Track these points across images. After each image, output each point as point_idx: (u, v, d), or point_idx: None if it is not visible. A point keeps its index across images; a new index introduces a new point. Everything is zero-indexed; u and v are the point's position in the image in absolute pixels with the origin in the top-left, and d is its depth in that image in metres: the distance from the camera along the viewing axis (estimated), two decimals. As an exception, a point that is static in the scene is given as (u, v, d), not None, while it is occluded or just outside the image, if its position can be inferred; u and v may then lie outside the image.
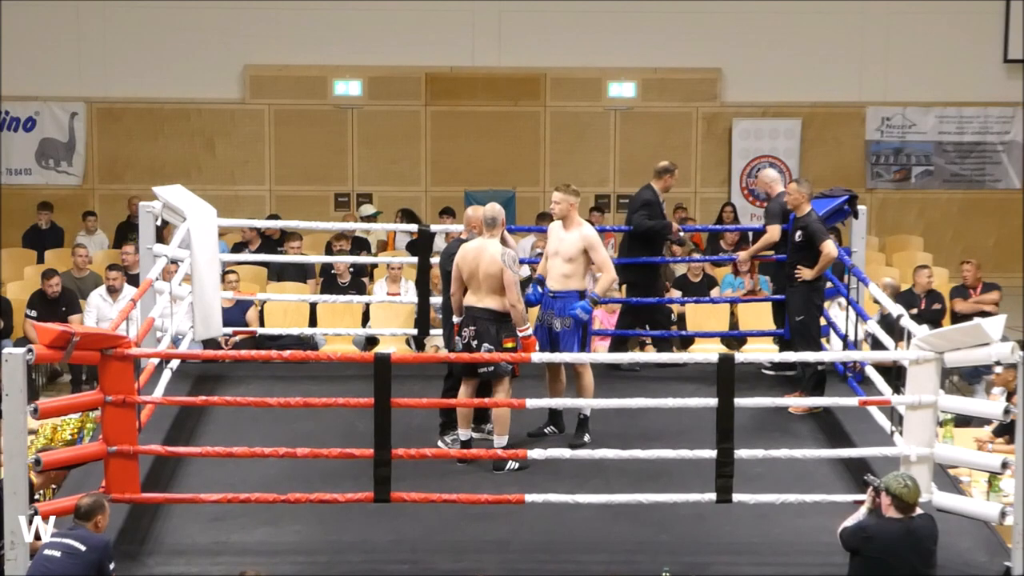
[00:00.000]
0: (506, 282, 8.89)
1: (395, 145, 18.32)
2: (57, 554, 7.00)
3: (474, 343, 8.95)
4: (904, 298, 13.41)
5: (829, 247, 9.99)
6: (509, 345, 8.92)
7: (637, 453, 8.22)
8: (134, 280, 12.80)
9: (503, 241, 9.10)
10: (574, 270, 9.34)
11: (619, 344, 11.41)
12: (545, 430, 9.51)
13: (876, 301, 10.69)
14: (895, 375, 9.05)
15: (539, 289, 9.44)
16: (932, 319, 12.98)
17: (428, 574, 7.83)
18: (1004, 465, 7.91)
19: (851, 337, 10.60)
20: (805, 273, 10.08)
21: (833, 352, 10.75)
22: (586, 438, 9.28)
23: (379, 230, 16.41)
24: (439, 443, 9.20)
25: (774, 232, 10.84)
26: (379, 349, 12.24)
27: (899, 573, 7.14)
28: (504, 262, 8.87)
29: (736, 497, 8.00)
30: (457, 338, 9.14)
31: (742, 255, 11.52)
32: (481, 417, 9.30)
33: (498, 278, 8.89)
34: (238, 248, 15.03)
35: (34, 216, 16.76)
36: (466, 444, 9.08)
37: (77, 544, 7.03)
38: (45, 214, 16.68)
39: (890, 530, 7.22)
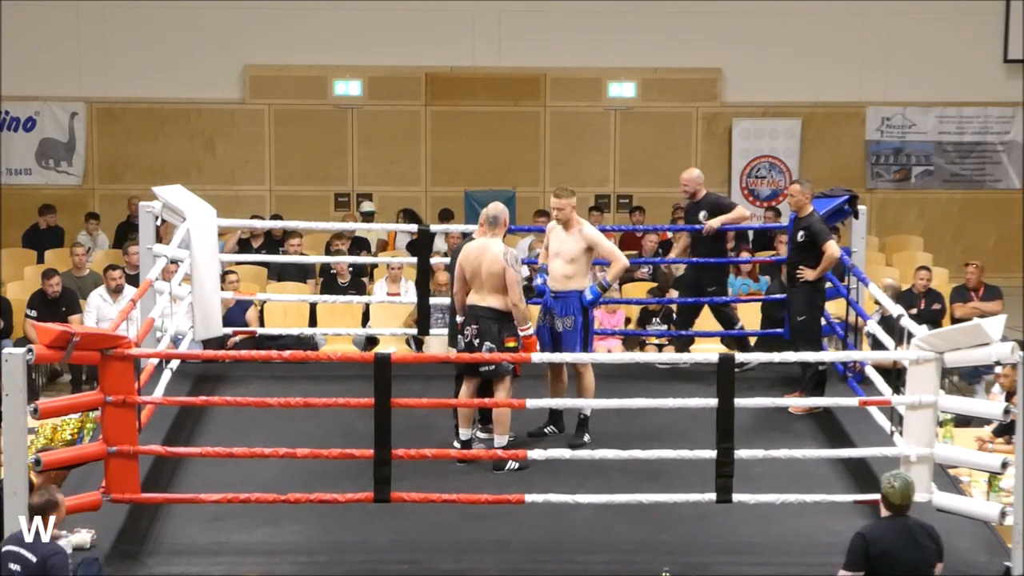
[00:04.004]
0: (508, 281, 8.89)
1: (395, 145, 18.33)
2: (17, 568, 6.84)
3: (476, 342, 8.95)
4: (903, 298, 13.40)
5: (832, 247, 10.00)
6: (511, 344, 8.92)
7: (637, 453, 8.22)
8: (134, 281, 12.80)
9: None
10: (576, 270, 9.36)
11: None
12: (545, 430, 9.51)
13: (877, 301, 10.71)
14: (895, 375, 9.05)
15: (545, 276, 9.40)
16: (931, 319, 12.97)
17: (428, 574, 7.83)
18: (1004, 465, 7.91)
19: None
20: (807, 274, 10.08)
21: (833, 352, 10.75)
22: (586, 438, 9.28)
23: (379, 230, 16.42)
24: (455, 443, 9.19)
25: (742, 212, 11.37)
26: (379, 349, 12.24)
27: (902, 569, 7.13)
28: (506, 261, 8.88)
29: (736, 497, 7.99)
30: (459, 337, 9.15)
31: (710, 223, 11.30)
32: (483, 416, 9.30)
33: (500, 277, 8.90)
34: (241, 246, 15.04)
35: (34, 216, 16.76)
36: (466, 444, 9.09)
37: (27, 554, 6.86)
38: (48, 217, 16.67)
39: (886, 528, 7.23)
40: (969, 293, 14.17)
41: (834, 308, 11.61)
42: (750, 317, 13.37)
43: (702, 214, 11.10)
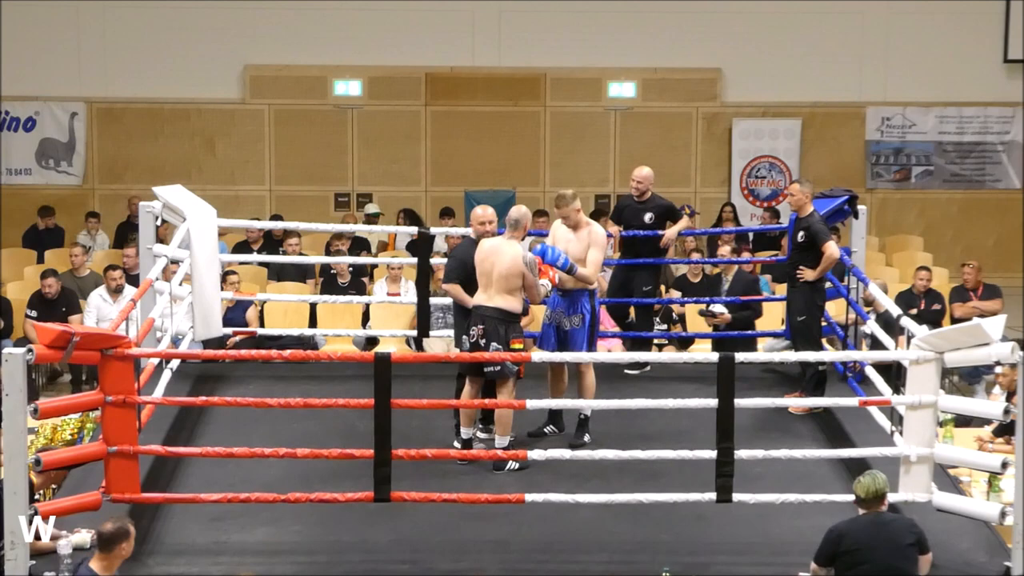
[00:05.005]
0: (527, 285, 8.95)
1: (395, 145, 18.32)
2: None
3: (482, 342, 8.96)
4: (903, 298, 13.40)
5: (831, 248, 10.00)
6: (516, 346, 8.95)
7: (637, 453, 8.22)
8: (134, 281, 12.80)
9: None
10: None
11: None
12: (545, 429, 9.52)
13: (868, 303, 10.74)
14: (895, 375, 9.05)
15: (544, 246, 9.43)
16: (931, 319, 12.97)
17: (428, 574, 7.83)
18: (1004, 465, 7.91)
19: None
20: (807, 274, 10.09)
21: (833, 352, 10.76)
22: (586, 438, 9.29)
23: (380, 231, 16.41)
24: (455, 443, 9.20)
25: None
26: (379, 349, 12.24)
27: (874, 565, 7.16)
28: (526, 266, 8.93)
29: (736, 497, 8.00)
30: (464, 337, 9.15)
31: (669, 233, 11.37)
32: (484, 416, 9.31)
33: (514, 279, 8.93)
34: (241, 248, 15.02)
35: (34, 216, 16.76)
36: (467, 443, 9.09)
37: None
38: (47, 219, 16.67)
39: (858, 523, 7.31)
40: (968, 293, 14.16)
41: (834, 308, 11.62)
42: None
43: (648, 216, 11.12)
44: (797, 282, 10.21)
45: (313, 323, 13.42)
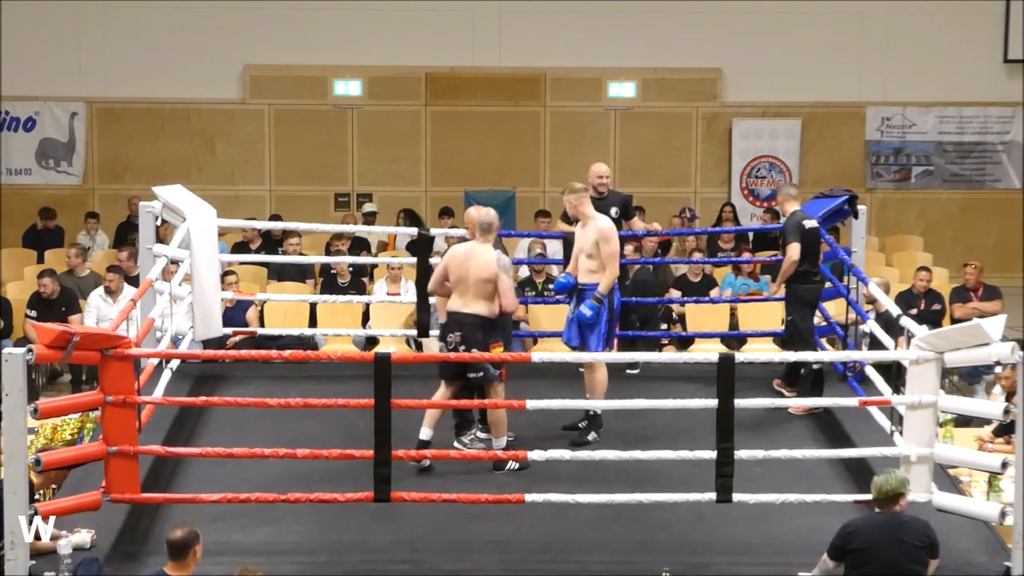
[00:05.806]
0: (501, 288, 8.93)
1: (395, 145, 18.32)
2: None
3: (460, 348, 8.93)
4: (903, 298, 13.40)
5: (791, 250, 10.10)
6: (497, 351, 8.94)
7: (637, 453, 8.22)
8: (133, 281, 12.80)
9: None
10: (597, 265, 9.45)
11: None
12: (580, 424, 9.54)
13: (870, 301, 10.73)
14: (895, 375, 9.06)
15: (569, 276, 9.53)
16: (931, 320, 12.96)
17: (428, 574, 7.83)
18: (1004, 465, 7.91)
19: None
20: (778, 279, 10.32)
21: (833, 352, 10.76)
22: (590, 436, 9.30)
23: (380, 232, 16.41)
24: (455, 443, 9.18)
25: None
26: (379, 349, 12.24)
27: (882, 565, 7.17)
28: (500, 267, 8.91)
29: (736, 497, 8.00)
30: (441, 344, 9.13)
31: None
32: (483, 416, 9.30)
33: (490, 283, 8.92)
34: (239, 248, 15.02)
35: (34, 216, 16.76)
36: (425, 444, 8.95)
37: None
38: (48, 221, 16.65)
39: (871, 521, 7.32)
40: (968, 293, 14.16)
41: (834, 308, 11.62)
42: (750, 317, 13.39)
43: (613, 210, 11.00)
44: (791, 283, 10.30)
45: (313, 323, 13.41)
